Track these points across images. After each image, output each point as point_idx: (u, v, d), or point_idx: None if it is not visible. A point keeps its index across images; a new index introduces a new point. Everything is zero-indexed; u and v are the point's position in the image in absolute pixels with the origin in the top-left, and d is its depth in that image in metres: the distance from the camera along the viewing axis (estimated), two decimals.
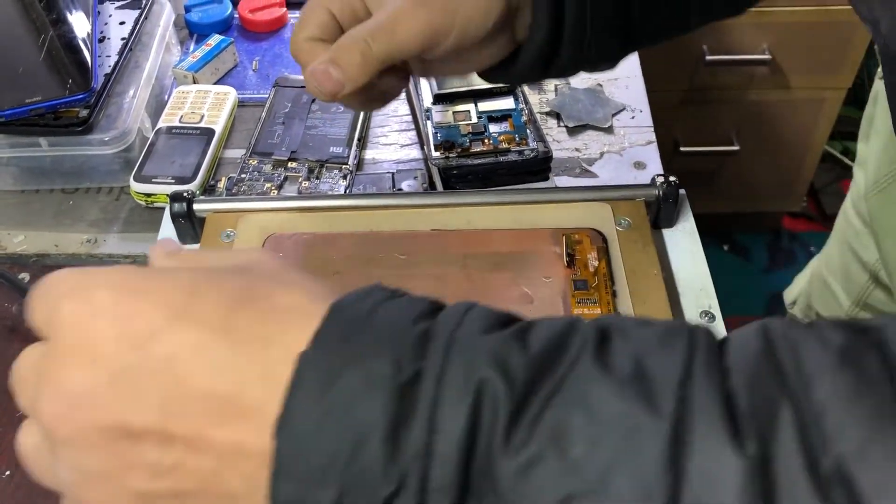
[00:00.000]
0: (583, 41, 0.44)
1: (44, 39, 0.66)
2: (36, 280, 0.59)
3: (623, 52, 0.47)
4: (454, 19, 0.42)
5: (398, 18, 0.42)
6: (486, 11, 0.43)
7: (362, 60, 0.42)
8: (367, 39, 0.42)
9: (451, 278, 0.46)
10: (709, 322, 0.47)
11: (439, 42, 0.42)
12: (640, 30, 0.46)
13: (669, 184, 0.50)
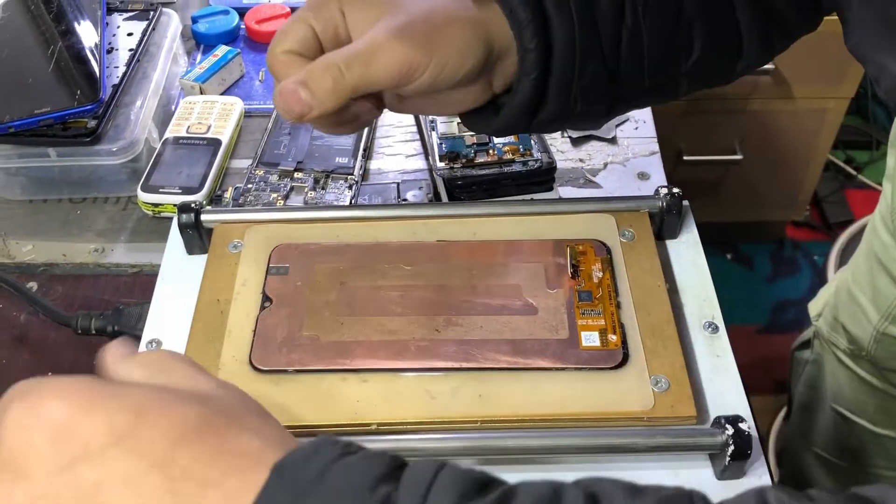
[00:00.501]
0: (569, 94, 0.44)
1: (53, 50, 0.67)
2: (44, 289, 0.60)
3: (608, 115, 0.47)
4: (431, 58, 0.42)
5: (375, 49, 0.41)
6: (464, 55, 0.42)
7: (333, 87, 0.41)
8: (342, 66, 0.41)
9: (456, 289, 0.47)
10: (711, 333, 0.48)
11: (414, 78, 0.42)
12: (628, 93, 0.46)
13: (673, 195, 0.50)
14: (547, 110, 0.45)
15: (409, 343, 0.44)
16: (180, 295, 0.49)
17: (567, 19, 0.43)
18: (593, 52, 0.44)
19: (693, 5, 0.45)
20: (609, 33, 0.44)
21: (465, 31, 0.43)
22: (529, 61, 0.43)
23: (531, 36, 0.43)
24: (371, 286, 0.47)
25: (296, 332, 0.45)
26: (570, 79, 0.44)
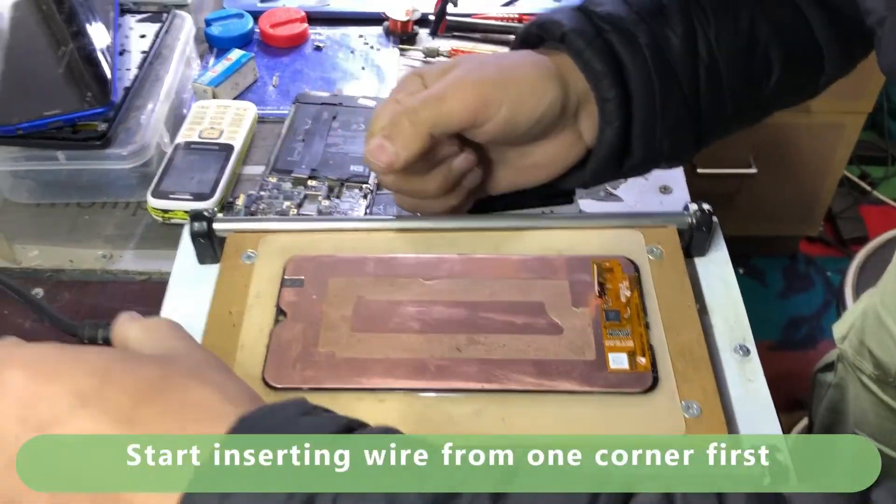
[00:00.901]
0: (653, 137, 0.44)
1: (64, 52, 0.65)
2: (50, 296, 0.58)
3: (697, 149, 0.47)
4: (504, 95, 0.42)
5: (447, 88, 0.43)
6: (539, 93, 0.43)
7: (411, 129, 0.42)
8: (416, 107, 0.42)
9: (477, 306, 0.45)
10: (743, 356, 0.46)
11: (489, 115, 0.42)
12: (713, 124, 0.46)
13: (703, 211, 0.48)
14: (634, 156, 0.45)
15: (428, 362, 0.42)
16: (191, 305, 0.47)
17: (642, 64, 0.43)
18: (672, 92, 0.44)
19: (766, 28, 0.45)
20: (685, 71, 0.44)
21: (537, 70, 0.44)
22: (609, 111, 0.43)
23: (608, 86, 0.43)
24: (389, 301, 0.45)
25: (311, 348, 0.43)
26: (652, 122, 0.44)
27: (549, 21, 0.46)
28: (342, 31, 0.80)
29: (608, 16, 0.44)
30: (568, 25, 0.44)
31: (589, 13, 0.45)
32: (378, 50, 0.78)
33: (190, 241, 0.48)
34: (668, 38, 0.44)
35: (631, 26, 0.44)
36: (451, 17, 0.77)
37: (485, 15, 0.80)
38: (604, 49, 0.43)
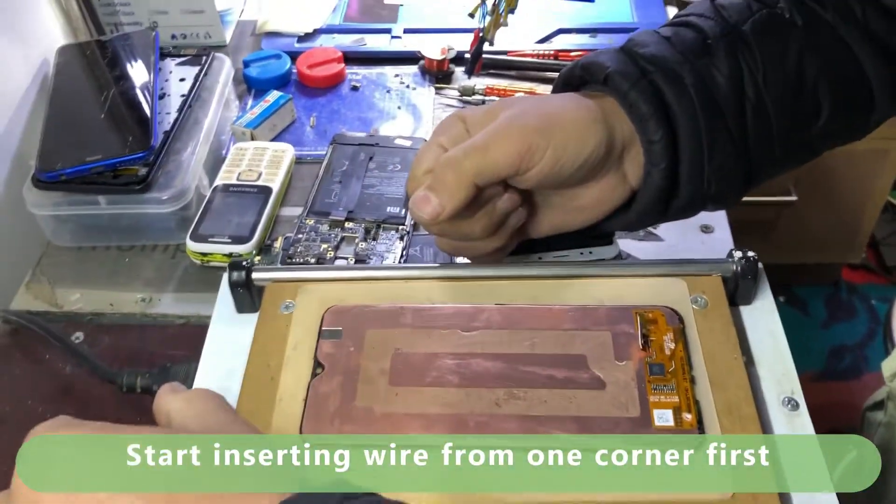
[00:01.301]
0: (701, 179, 0.43)
1: (106, 97, 0.66)
2: (90, 340, 0.59)
3: (745, 191, 0.46)
4: (548, 141, 0.42)
5: (492, 136, 0.42)
6: (584, 136, 0.42)
7: (456, 179, 0.42)
8: (460, 157, 0.42)
9: (517, 359, 0.44)
10: (791, 410, 0.44)
11: (534, 161, 0.42)
12: (760, 165, 0.45)
13: (748, 259, 0.47)
14: (681, 198, 0.44)
15: (467, 417, 0.42)
16: (229, 355, 0.47)
17: (688, 105, 0.42)
18: (720, 132, 0.43)
19: (814, 66, 0.44)
20: (732, 111, 0.43)
21: (581, 114, 0.43)
22: (656, 152, 0.43)
23: (655, 128, 0.42)
24: (426, 353, 0.45)
25: (348, 402, 0.43)
26: (700, 163, 0.43)
27: (592, 63, 0.45)
28: (378, 70, 0.80)
29: (652, 57, 0.44)
30: (612, 67, 0.44)
31: (633, 54, 0.44)
32: (414, 89, 0.78)
33: (228, 290, 0.48)
34: (714, 77, 0.43)
35: (676, 66, 0.43)
36: (487, 55, 0.77)
37: (520, 52, 0.80)
38: (648, 90, 0.43)
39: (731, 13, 0.45)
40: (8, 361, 0.58)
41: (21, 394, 0.56)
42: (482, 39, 0.74)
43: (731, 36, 0.44)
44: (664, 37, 0.45)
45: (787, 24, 0.44)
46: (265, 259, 0.62)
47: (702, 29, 0.45)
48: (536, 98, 0.45)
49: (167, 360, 0.56)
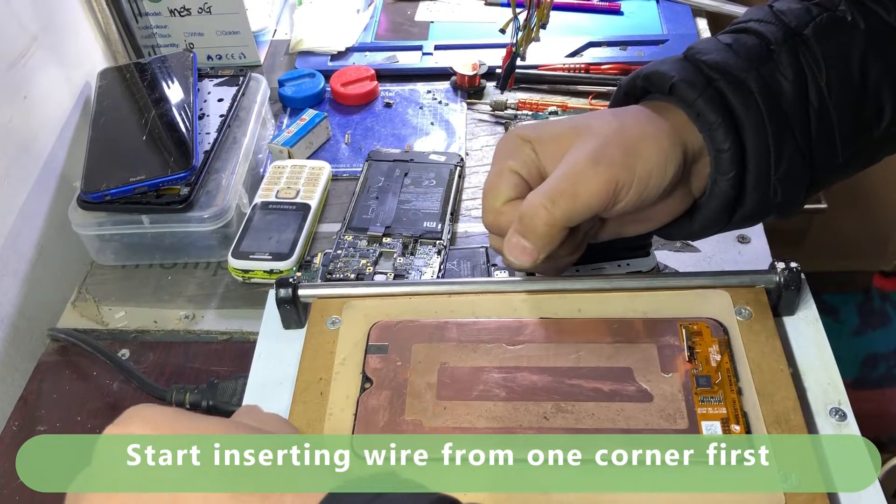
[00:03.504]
0: (768, 188, 0.43)
1: (147, 118, 0.68)
2: (136, 356, 0.60)
3: (807, 199, 0.45)
4: (634, 172, 0.41)
5: (578, 179, 0.41)
6: (664, 165, 0.42)
7: (547, 229, 0.42)
8: (547, 206, 0.41)
9: (563, 372, 0.44)
10: (839, 420, 0.44)
11: (620, 197, 0.42)
12: (824, 172, 0.44)
13: (791, 270, 0.47)
14: (746, 206, 0.44)
15: (515, 431, 0.42)
16: (277, 371, 0.48)
17: (755, 113, 0.42)
18: (786, 139, 0.43)
19: (877, 70, 0.43)
20: (797, 118, 0.43)
21: (659, 141, 0.42)
22: (724, 161, 0.42)
23: (723, 137, 0.42)
24: (473, 367, 0.45)
25: (397, 416, 0.43)
26: (767, 172, 0.43)
27: (655, 73, 0.45)
28: (410, 87, 0.81)
29: (716, 64, 0.43)
30: (677, 77, 0.43)
31: (696, 62, 0.44)
32: (446, 105, 0.79)
33: (275, 307, 0.49)
34: (780, 83, 0.43)
35: (740, 73, 0.43)
36: (518, 70, 0.78)
37: (551, 66, 0.80)
38: (715, 98, 0.42)
39: (791, 18, 0.44)
40: (57, 378, 0.59)
41: (70, 410, 0.57)
42: (515, 55, 0.75)
43: (794, 41, 0.43)
44: (725, 44, 0.44)
45: (849, 26, 0.44)
46: (305, 275, 0.63)
47: (763, 34, 0.44)
48: (609, 121, 0.44)
49: (211, 375, 0.57)
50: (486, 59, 0.81)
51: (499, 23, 0.85)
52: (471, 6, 0.93)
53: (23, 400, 0.58)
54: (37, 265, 0.66)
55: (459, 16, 0.91)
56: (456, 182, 0.69)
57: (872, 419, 1.39)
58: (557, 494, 0.39)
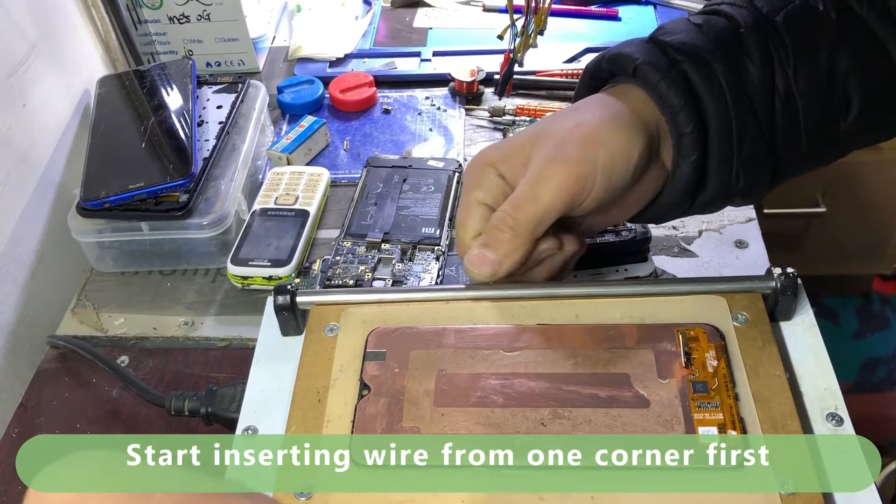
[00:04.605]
0: (730, 172, 0.43)
1: (146, 125, 0.68)
2: (135, 363, 0.60)
3: (770, 187, 0.45)
4: (595, 163, 0.41)
5: (537, 181, 0.41)
6: (627, 145, 0.42)
7: (512, 234, 0.41)
8: (511, 213, 0.41)
9: (560, 378, 0.44)
10: (836, 426, 0.44)
11: (586, 192, 0.41)
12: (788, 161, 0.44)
13: (788, 276, 0.47)
14: (708, 191, 0.43)
15: (513, 437, 0.42)
16: (275, 378, 0.48)
17: (719, 96, 0.41)
18: (749, 125, 0.42)
19: (846, 62, 0.43)
20: (762, 104, 0.42)
21: (619, 125, 0.42)
22: (686, 144, 0.42)
23: (686, 120, 0.42)
24: (470, 374, 0.45)
25: (395, 424, 0.43)
26: (729, 156, 0.42)
27: (620, 55, 0.44)
28: (409, 93, 0.82)
29: (682, 45, 0.43)
30: (641, 58, 0.43)
31: (661, 44, 0.43)
32: (445, 111, 0.79)
33: (273, 314, 0.49)
34: (746, 68, 0.42)
35: (706, 55, 0.42)
36: (516, 76, 0.78)
37: (548, 72, 0.81)
38: (678, 81, 0.42)
39: (764, 3, 0.44)
40: (56, 385, 0.59)
41: (70, 417, 0.57)
42: (513, 61, 0.75)
43: (764, 26, 0.43)
44: (695, 24, 0.44)
45: (820, 16, 0.43)
46: (304, 281, 0.63)
47: (733, 17, 0.44)
48: (565, 119, 0.43)
49: (211, 382, 0.57)
50: (485, 66, 0.81)
51: (497, 29, 0.85)
52: (469, 13, 0.93)
53: (22, 407, 0.58)
54: (36, 272, 0.66)
55: (457, 22, 0.92)
56: (454, 188, 0.69)
57: (872, 423, 1.39)
58: (557, 495, 0.39)
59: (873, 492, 0.41)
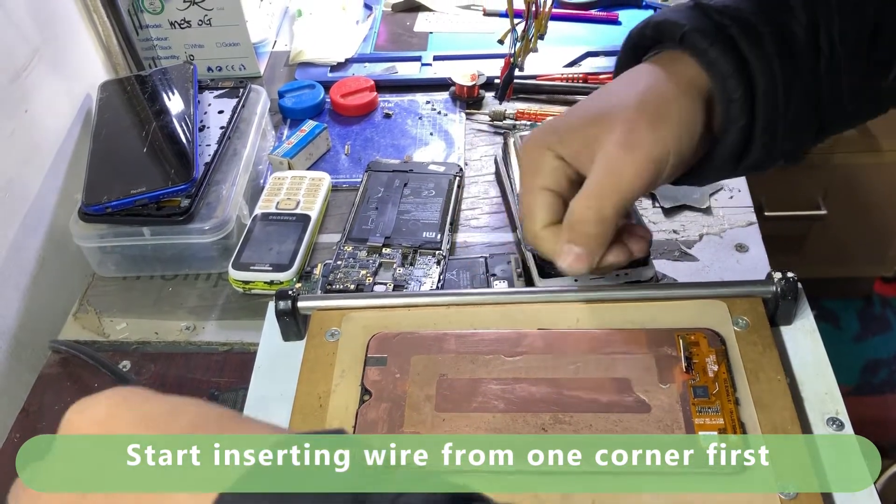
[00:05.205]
0: (775, 135, 0.42)
1: (147, 130, 0.68)
2: (137, 368, 0.60)
3: (812, 146, 0.45)
4: (667, 143, 0.41)
5: (618, 172, 0.41)
6: (692, 120, 0.42)
7: (598, 228, 0.42)
8: (595, 206, 0.41)
9: (561, 383, 0.45)
10: (836, 430, 0.44)
11: (663, 173, 0.42)
12: (830, 120, 0.44)
13: (788, 280, 0.47)
14: (753, 154, 0.43)
15: (514, 438, 0.42)
16: (277, 383, 0.48)
17: (767, 60, 0.41)
18: (796, 87, 0.42)
19: (892, 16, 0.42)
20: (808, 65, 0.42)
21: (681, 101, 0.42)
22: (735, 110, 0.42)
23: (735, 86, 0.41)
24: (471, 379, 0.45)
25: (396, 429, 0.43)
26: (775, 119, 0.42)
27: (665, 22, 0.44)
28: (410, 97, 0.82)
29: (726, 9, 0.42)
30: (688, 25, 0.42)
31: (706, 8, 0.43)
32: (445, 115, 0.79)
33: (275, 319, 0.49)
34: (792, 29, 0.42)
35: (752, 18, 0.42)
36: (517, 80, 0.78)
37: (549, 77, 0.81)
38: (727, 46, 0.41)
39: None
40: (58, 390, 0.59)
41: None
42: (513, 65, 0.75)
43: None
44: None
45: None
46: (305, 286, 0.63)
47: None
48: (624, 95, 0.43)
49: (212, 386, 0.57)
50: (485, 70, 0.81)
51: (497, 33, 0.86)
52: (469, 17, 0.93)
53: (24, 412, 0.58)
54: (38, 277, 0.66)
55: (458, 27, 0.92)
56: (455, 192, 0.69)
57: (873, 425, 1.39)
58: (557, 495, 0.40)
59: (872, 492, 0.41)
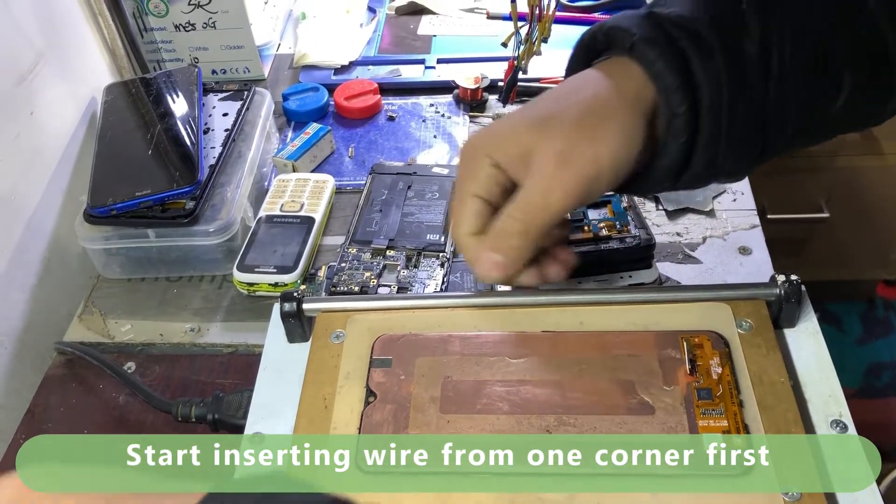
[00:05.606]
0: (717, 152, 0.42)
1: (152, 133, 0.68)
2: (142, 370, 0.61)
3: (755, 166, 0.44)
4: (602, 161, 0.41)
5: (547, 189, 0.41)
6: (632, 136, 0.41)
7: (521, 242, 0.42)
8: (521, 219, 0.41)
9: (565, 385, 0.45)
10: (840, 433, 0.44)
11: (595, 190, 0.41)
12: (774, 142, 0.43)
13: (792, 283, 0.47)
14: (694, 167, 0.42)
15: (514, 438, 0.42)
16: (282, 385, 0.48)
17: (714, 77, 0.40)
18: (741, 107, 0.41)
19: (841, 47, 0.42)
20: (756, 84, 0.41)
21: (625, 117, 0.41)
22: (678, 126, 0.41)
23: (680, 100, 0.41)
24: (476, 381, 0.46)
25: (401, 431, 0.43)
26: (718, 137, 0.41)
27: (616, 28, 0.43)
28: (413, 100, 0.82)
29: (679, 19, 0.41)
30: (638, 34, 0.41)
31: (659, 18, 0.42)
32: (449, 118, 0.79)
33: (280, 321, 0.50)
34: (745, 48, 0.41)
35: (703, 30, 0.41)
36: (520, 83, 0.79)
37: (552, 79, 0.81)
38: (676, 59, 0.40)
39: None
40: (63, 392, 0.60)
41: (77, 423, 0.57)
42: (517, 68, 0.75)
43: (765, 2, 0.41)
44: None
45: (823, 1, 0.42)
46: (310, 288, 0.63)
47: None
48: (565, 105, 0.42)
49: (217, 388, 0.57)
50: (489, 73, 0.81)
51: (501, 36, 0.86)
52: (473, 20, 0.94)
53: (30, 413, 0.58)
54: (43, 279, 0.67)
55: (462, 30, 0.92)
56: None
57: (877, 428, 1.39)
58: (556, 495, 0.40)
59: (875, 490, 0.41)
